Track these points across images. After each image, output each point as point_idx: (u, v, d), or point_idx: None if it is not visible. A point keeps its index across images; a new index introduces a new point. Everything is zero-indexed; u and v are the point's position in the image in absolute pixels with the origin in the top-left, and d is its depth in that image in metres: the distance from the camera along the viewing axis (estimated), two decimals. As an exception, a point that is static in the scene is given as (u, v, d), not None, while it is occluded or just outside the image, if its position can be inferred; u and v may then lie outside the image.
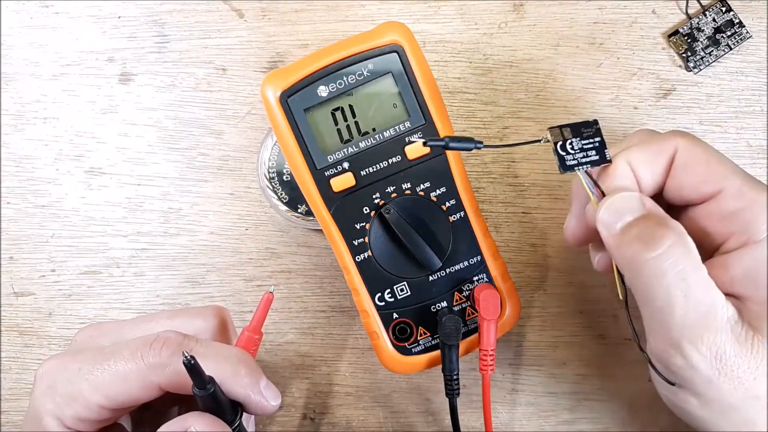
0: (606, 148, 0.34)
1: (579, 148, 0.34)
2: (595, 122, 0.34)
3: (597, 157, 0.34)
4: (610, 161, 0.34)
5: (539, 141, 0.35)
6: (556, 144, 0.34)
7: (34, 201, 0.45)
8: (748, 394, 0.31)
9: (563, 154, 0.34)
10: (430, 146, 0.36)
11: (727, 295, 0.32)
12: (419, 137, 0.37)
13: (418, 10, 0.45)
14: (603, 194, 0.34)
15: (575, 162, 0.34)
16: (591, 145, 0.34)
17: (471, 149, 0.34)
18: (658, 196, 0.35)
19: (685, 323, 0.31)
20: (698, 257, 0.31)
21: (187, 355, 0.30)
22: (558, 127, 0.34)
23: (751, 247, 0.32)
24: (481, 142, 0.34)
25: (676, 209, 0.35)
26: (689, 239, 0.31)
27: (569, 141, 0.34)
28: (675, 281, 0.31)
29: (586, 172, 0.34)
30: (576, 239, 0.37)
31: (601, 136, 0.34)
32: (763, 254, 0.31)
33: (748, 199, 0.32)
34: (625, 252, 0.32)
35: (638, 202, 0.33)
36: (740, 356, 0.30)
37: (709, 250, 0.34)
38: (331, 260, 0.44)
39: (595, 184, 0.34)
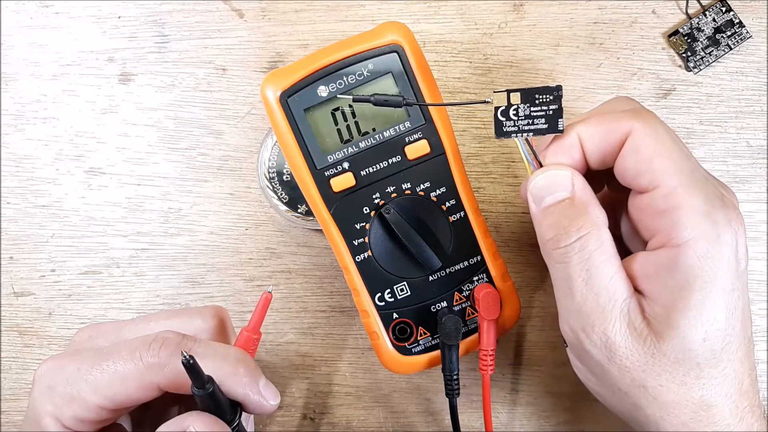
0: (561, 118, 0.33)
1: (525, 115, 0.33)
2: (558, 88, 0.33)
3: (545, 126, 0.33)
4: (561, 131, 0.33)
5: (484, 102, 0.34)
6: (497, 109, 0.33)
7: (34, 201, 0.45)
8: (635, 383, 0.32)
9: (502, 119, 0.33)
10: (356, 101, 0.36)
11: (638, 290, 0.33)
12: (352, 95, 0.36)
13: (418, 10, 0.45)
14: (540, 165, 0.34)
15: (515, 129, 0.33)
16: (542, 113, 0.33)
17: (398, 106, 0.35)
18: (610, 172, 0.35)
19: (581, 310, 0.33)
20: (610, 249, 0.32)
21: (186, 354, 0.30)
22: (506, 90, 0.33)
23: (666, 249, 0.32)
24: (404, 99, 0.34)
25: (624, 189, 0.35)
26: (604, 231, 0.33)
27: (514, 107, 0.33)
28: (578, 270, 0.32)
29: (526, 140, 0.34)
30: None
31: (559, 104, 0.33)
32: (674, 259, 0.31)
33: (678, 202, 0.31)
34: (543, 233, 0.34)
35: (567, 182, 0.33)
36: (631, 349, 0.32)
37: (642, 240, 0.34)
38: (331, 260, 0.44)
39: (534, 154, 0.34)
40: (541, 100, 0.33)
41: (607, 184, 0.38)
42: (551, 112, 0.33)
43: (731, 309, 0.31)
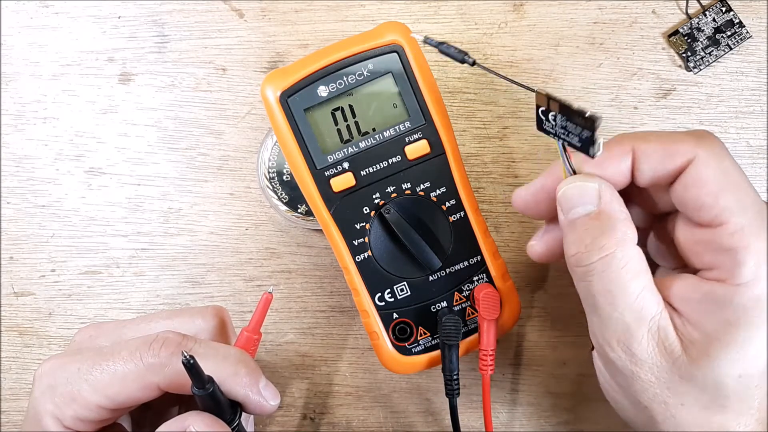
0: (593, 145, 0.30)
1: (561, 126, 0.31)
2: (593, 119, 0.29)
3: (579, 144, 0.31)
4: (592, 157, 0.31)
5: (533, 90, 0.32)
6: (538, 107, 0.32)
7: (34, 201, 0.45)
8: (657, 399, 0.32)
9: (542, 117, 0.32)
10: (427, 43, 0.34)
11: (673, 307, 0.32)
12: (425, 37, 0.34)
13: (418, 10, 0.45)
14: (574, 172, 0.33)
15: (553, 132, 0.32)
16: (576, 131, 0.31)
17: (461, 62, 0.33)
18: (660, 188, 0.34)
19: (607, 326, 0.32)
20: (637, 266, 0.31)
21: (186, 354, 0.30)
22: (546, 95, 0.31)
23: (723, 285, 0.31)
24: (472, 60, 0.33)
25: (665, 208, 0.35)
26: (631, 248, 0.31)
27: (552, 113, 0.31)
28: (601, 290, 0.31)
29: (563, 145, 0.32)
30: (523, 207, 0.36)
31: (593, 133, 0.30)
32: (730, 296, 0.30)
33: (746, 243, 0.30)
34: (567, 248, 0.33)
35: (594, 194, 0.32)
36: (658, 365, 0.31)
37: (678, 260, 0.34)
38: (331, 260, 0.44)
39: (568, 160, 0.33)
40: (576, 122, 0.31)
41: (641, 197, 0.36)
42: (584, 137, 0.31)
43: None
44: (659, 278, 0.33)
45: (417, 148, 0.38)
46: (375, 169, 0.38)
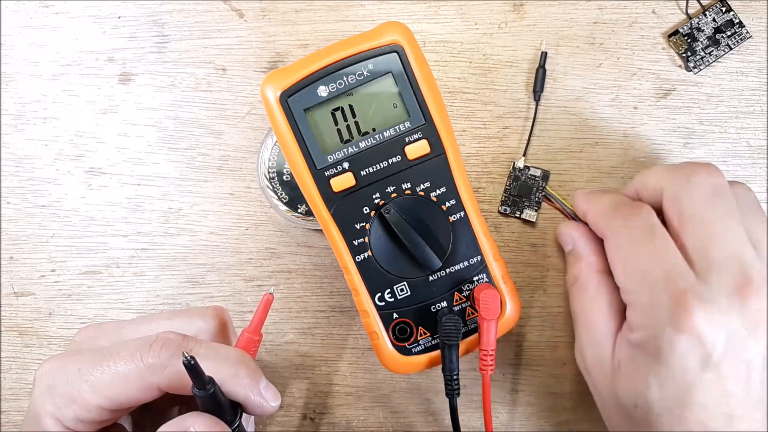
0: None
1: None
2: None
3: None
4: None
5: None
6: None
7: (34, 201, 0.45)
8: (605, 418, 0.38)
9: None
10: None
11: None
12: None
13: (418, 10, 0.45)
14: (572, 217, 0.43)
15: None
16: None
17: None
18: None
19: (578, 340, 0.39)
20: (595, 291, 0.38)
21: (187, 355, 0.30)
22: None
23: (627, 329, 0.36)
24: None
25: None
26: (594, 275, 0.39)
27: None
28: (575, 308, 0.39)
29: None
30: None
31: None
32: (627, 338, 0.36)
33: (629, 300, 0.36)
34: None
35: (568, 239, 0.41)
36: (601, 384, 0.37)
37: None
38: (331, 260, 0.44)
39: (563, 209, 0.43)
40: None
41: None
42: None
43: (668, 395, 0.33)
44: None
45: (417, 148, 0.38)
46: (375, 169, 0.38)
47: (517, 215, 0.44)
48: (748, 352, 0.33)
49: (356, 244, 0.38)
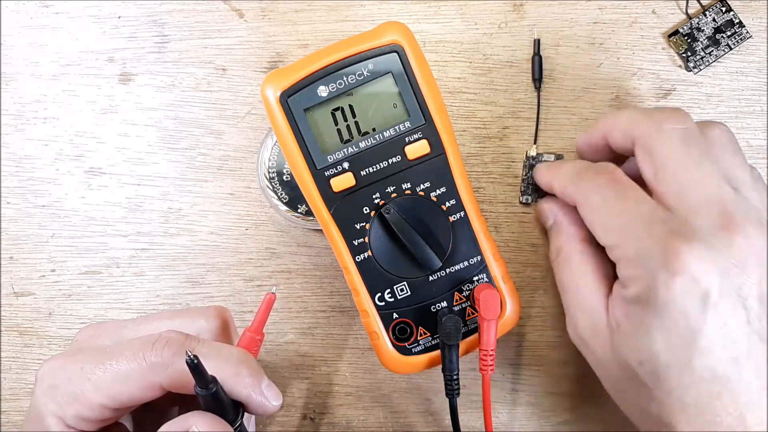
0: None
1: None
2: None
3: None
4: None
5: None
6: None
7: (34, 201, 0.45)
8: (607, 384, 0.38)
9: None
10: None
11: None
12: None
13: (418, 10, 0.45)
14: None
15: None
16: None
17: None
18: None
19: (567, 311, 0.39)
20: (579, 259, 0.38)
21: (190, 354, 0.30)
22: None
23: (621, 287, 0.36)
24: None
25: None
26: (576, 245, 0.39)
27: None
28: (560, 279, 0.39)
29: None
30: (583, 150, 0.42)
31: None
32: (624, 296, 0.35)
33: (617, 256, 0.35)
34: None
35: (549, 214, 0.41)
36: (596, 351, 0.37)
37: None
38: (331, 260, 0.44)
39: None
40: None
41: None
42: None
43: (674, 344, 0.33)
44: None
45: (417, 148, 0.38)
46: (375, 169, 0.38)
47: (538, 202, 0.43)
48: (743, 289, 0.32)
49: (356, 244, 0.38)
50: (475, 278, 0.39)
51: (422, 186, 0.38)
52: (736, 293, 0.32)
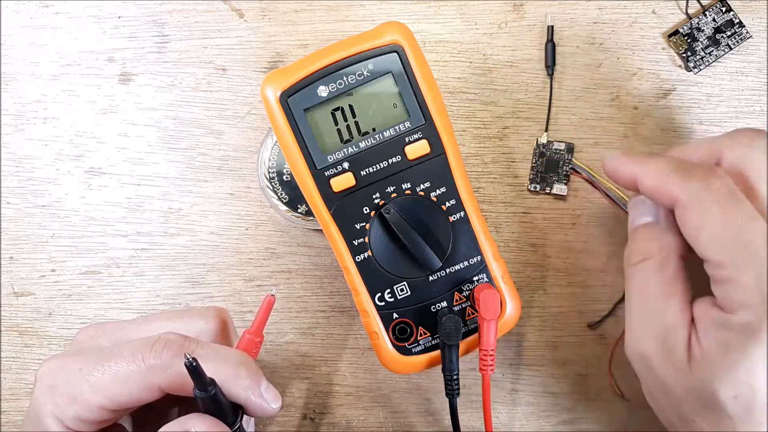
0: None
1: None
2: None
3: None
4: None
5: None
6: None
7: (34, 201, 0.45)
8: (671, 407, 0.34)
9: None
10: None
11: (695, 327, 0.33)
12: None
13: (418, 10, 0.45)
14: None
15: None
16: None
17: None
18: None
19: (633, 324, 0.35)
20: (672, 276, 0.34)
21: (188, 356, 0.30)
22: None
23: (723, 312, 0.32)
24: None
25: None
26: (671, 259, 0.35)
27: None
28: (635, 290, 0.35)
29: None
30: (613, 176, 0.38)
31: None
32: (724, 321, 0.32)
33: (727, 276, 0.32)
34: (626, 250, 0.37)
35: (653, 210, 0.36)
36: (666, 373, 0.33)
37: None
38: (331, 260, 0.44)
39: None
40: None
41: None
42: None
43: None
44: (698, 299, 0.34)
45: (417, 148, 0.38)
46: (375, 169, 0.38)
47: (548, 191, 0.44)
48: None
49: (356, 244, 0.38)
50: (475, 278, 0.39)
51: (422, 186, 0.38)
52: None
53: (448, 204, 0.38)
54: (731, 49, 0.44)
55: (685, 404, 0.33)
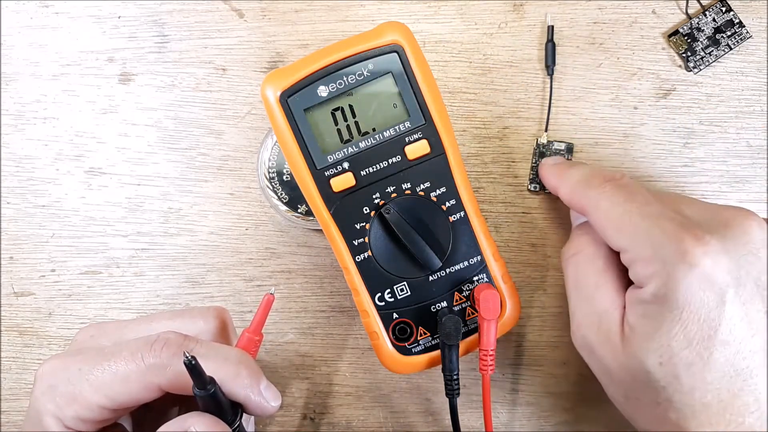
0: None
1: None
2: None
3: None
4: None
5: None
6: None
7: (34, 201, 0.45)
8: (618, 392, 0.36)
9: None
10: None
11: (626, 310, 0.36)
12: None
13: (418, 10, 0.45)
14: None
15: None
16: None
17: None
18: None
19: (574, 313, 0.38)
20: (602, 265, 0.37)
21: (188, 355, 0.30)
22: None
23: (637, 290, 0.35)
24: None
25: None
26: (599, 249, 0.37)
27: None
28: (571, 280, 0.38)
29: None
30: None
31: None
32: (639, 296, 0.34)
33: (632, 258, 0.35)
34: (564, 247, 0.40)
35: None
36: (606, 356, 0.36)
37: None
38: (331, 260, 0.44)
39: None
40: None
41: None
42: None
43: (694, 338, 0.32)
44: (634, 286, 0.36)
45: (417, 148, 0.38)
46: (375, 169, 0.38)
47: (548, 191, 0.43)
48: (761, 278, 0.32)
49: (356, 244, 0.38)
50: (475, 278, 0.39)
51: (422, 186, 0.38)
52: (755, 283, 0.32)
53: (448, 204, 0.38)
54: (731, 49, 0.44)
55: (625, 383, 0.35)
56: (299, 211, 0.43)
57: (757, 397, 0.32)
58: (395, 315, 0.39)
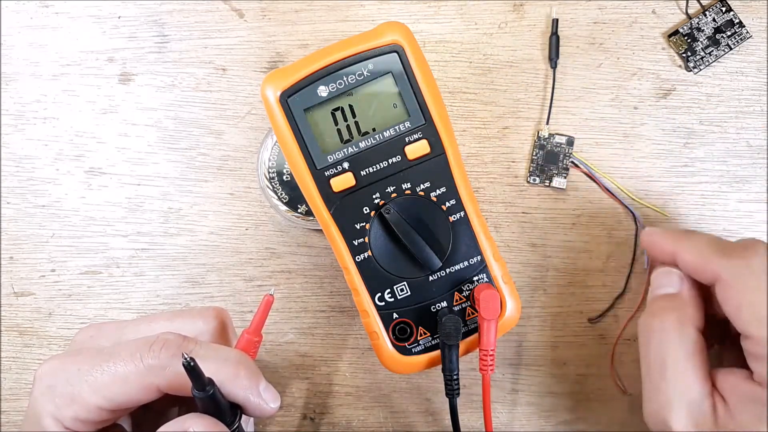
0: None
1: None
2: None
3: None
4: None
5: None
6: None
7: (34, 201, 0.45)
8: None
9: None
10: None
11: (723, 398, 0.34)
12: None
13: (418, 10, 0.45)
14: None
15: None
16: None
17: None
18: None
19: (653, 395, 0.36)
20: (692, 348, 0.35)
21: (186, 356, 0.30)
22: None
23: (759, 387, 0.33)
24: None
25: None
26: (689, 330, 0.35)
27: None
28: (655, 360, 0.35)
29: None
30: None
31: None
32: (762, 399, 0.32)
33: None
34: (642, 317, 0.37)
35: (677, 281, 0.37)
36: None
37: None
38: (331, 260, 0.44)
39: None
40: None
41: None
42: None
43: None
44: (720, 369, 0.35)
45: (417, 148, 0.38)
46: (375, 169, 0.38)
47: (547, 184, 0.44)
48: None
49: (356, 244, 0.38)
50: (475, 278, 0.39)
51: (422, 186, 0.38)
52: None
53: (448, 204, 0.38)
54: (731, 49, 0.44)
55: None
56: (299, 211, 0.43)
57: None
58: (395, 315, 0.39)
